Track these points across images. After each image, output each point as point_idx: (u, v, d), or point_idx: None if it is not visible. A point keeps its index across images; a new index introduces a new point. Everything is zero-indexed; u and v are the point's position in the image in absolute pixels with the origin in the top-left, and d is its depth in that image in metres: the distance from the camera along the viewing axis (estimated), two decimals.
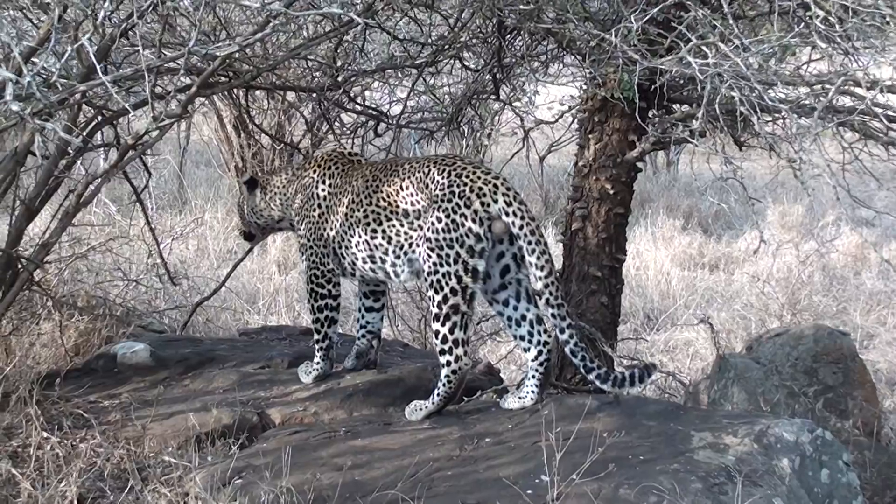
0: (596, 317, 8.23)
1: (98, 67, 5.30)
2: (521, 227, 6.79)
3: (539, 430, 6.23)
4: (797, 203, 18.01)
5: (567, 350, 6.87)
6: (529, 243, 6.79)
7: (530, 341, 7.08)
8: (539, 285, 6.83)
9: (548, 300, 6.83)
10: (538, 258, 6.79)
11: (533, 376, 7.04)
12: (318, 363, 7.63)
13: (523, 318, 7.09)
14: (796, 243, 13.85)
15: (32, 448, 6.66)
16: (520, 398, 7.05)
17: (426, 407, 7.00)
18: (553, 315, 6.85)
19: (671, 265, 15.04)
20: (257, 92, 13.55)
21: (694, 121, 6.98)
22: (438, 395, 6.96)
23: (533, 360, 7.06)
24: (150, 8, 6.05)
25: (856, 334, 11.64)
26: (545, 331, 7.03)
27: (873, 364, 10.93)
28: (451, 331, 6.84)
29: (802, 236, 15.78)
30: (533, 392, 7.02)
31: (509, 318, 7.14)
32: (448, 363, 6.87)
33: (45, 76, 5.63)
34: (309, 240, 7.56)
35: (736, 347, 10.64)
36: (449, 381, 6.91)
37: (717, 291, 13.89)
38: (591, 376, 6.82)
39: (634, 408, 6.72)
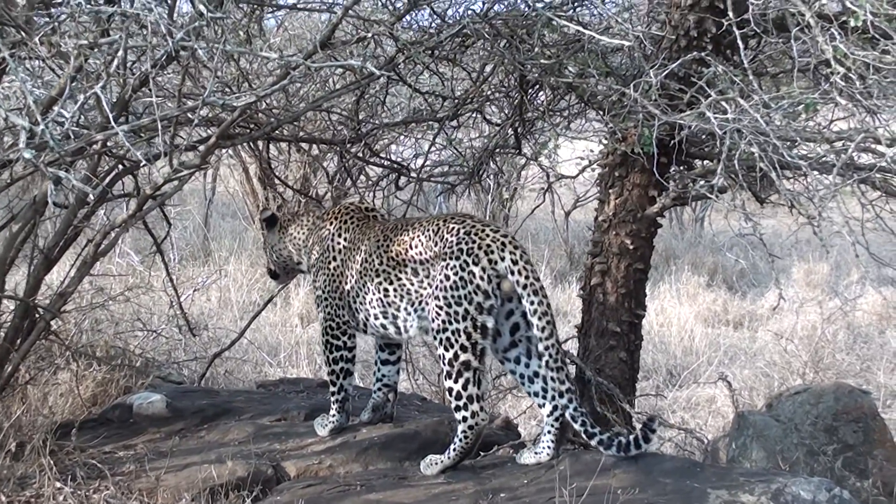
0: (615, 372, 8.17)
1: (111, 116, 5.30)
2: (524, 287, 6.78)
3: (554, 486, 6.17)
4: (822, 261, 17.94)
5: (567, 415, 6.84)
6: (532, 303, 6.78)
7: (545, 396, 7.05)
8: (540, 347, 6.81)
9: (547, 363, 6.81)
10: (540, 319, 6.77)
11: (549, 431, 7.00)
12: (333, 415, 7.61)
13: (536, 374, 7.08)
14: (820, 301, 13.77)
15: (45, 499, 6.65)
16: (536, 453, 7.01)
17: (442, 461, 6.96)
18: (552, 378, 6.83)
19: (695, 322, 14.97)
20: (282, 144, 13.60)
21: (713, 176, 6.95)
22: (455, 450, 6.92)
23: (549, 416, 7.03)
24: (165, 58, 6.06)
25: (879, 393, 11.54)
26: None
27: None
28: (465, 387, 6.82)
29: (827, 294, 15.70)
30: (549, 447, 6.98)
31: (521, 376, 7.13)
32: (465, 419, 6.84)
33: (62, 125, 5.64)
34: (324, 291, 7.57)
35: (758, 405, 10.56)
36: (466, 437, 6.87)
37: (741, 348, 13.81)
38: (593, 442, 6.75)
39: (651, 464, 6.65)
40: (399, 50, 7.85)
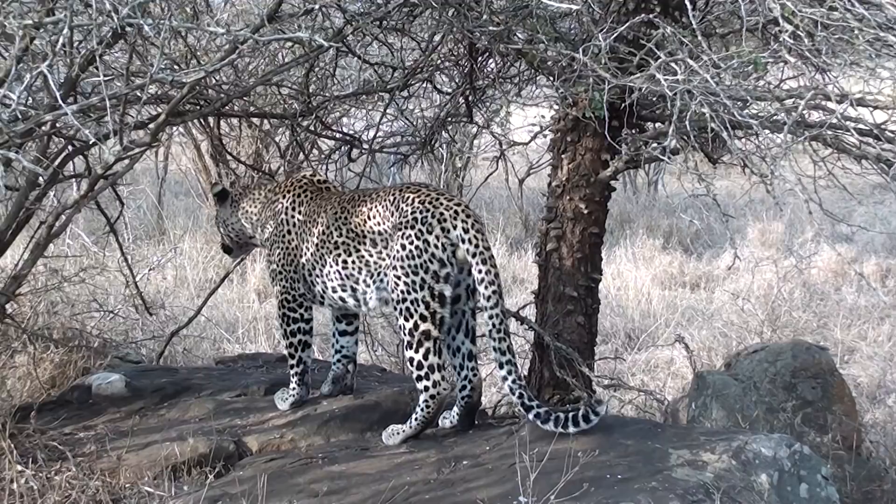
0: (573, 337, 8.19)
1: (59, 96, 5.26)
2: (474, 255, 6.77)
3: (515, 452, 6.18)
4: (777, 220, 18.01)
5: (506, 386, 6.83)
6: (480, 272, 6.77)
7: (459, 373, 7.12)
8: (485, 315, 6.81)
9: (490, 332, 6.80)
10: (486, 288, 6.76)
11: (457, 404, 7.14)
12: (293, 389, 7.59)
13: (458, 350, 7.11)
14: (776, 260, 13.83)
15: (6, 482, 6.61)
16: (443, 418, 7.14)
17: (404, 431, 6.97)
18: (494, 349, 6.81)
19: (652, 285, 15.02)
20: (233, 120, 13.53)
21: (665, 138, 6.96)
22: (416, 419, 6.93)
23: (459, 392, 7.13)
24: (111, 35, 6.02)
25: (836, 349, 11.63)
26: (474, 368, 7.08)
27: (854, 378, 10.93)
28: (426, 357, 6.82)
29: (782, 253, 15.78)
30: (453, 419, 7.14)
31: (448, 346, 7.14)
32: (426, 388, 6.84)
33: (9, 106, 5.60)
34: (279, 265, 7.53)
35: (716, 365, 10.61)
36: (427, 406, 6.88)
37: (698, 310, 13.85)
38: (530, 415, 6.69)
39: (612, 427, 6.66)
40: (347, 21, 7.80)
